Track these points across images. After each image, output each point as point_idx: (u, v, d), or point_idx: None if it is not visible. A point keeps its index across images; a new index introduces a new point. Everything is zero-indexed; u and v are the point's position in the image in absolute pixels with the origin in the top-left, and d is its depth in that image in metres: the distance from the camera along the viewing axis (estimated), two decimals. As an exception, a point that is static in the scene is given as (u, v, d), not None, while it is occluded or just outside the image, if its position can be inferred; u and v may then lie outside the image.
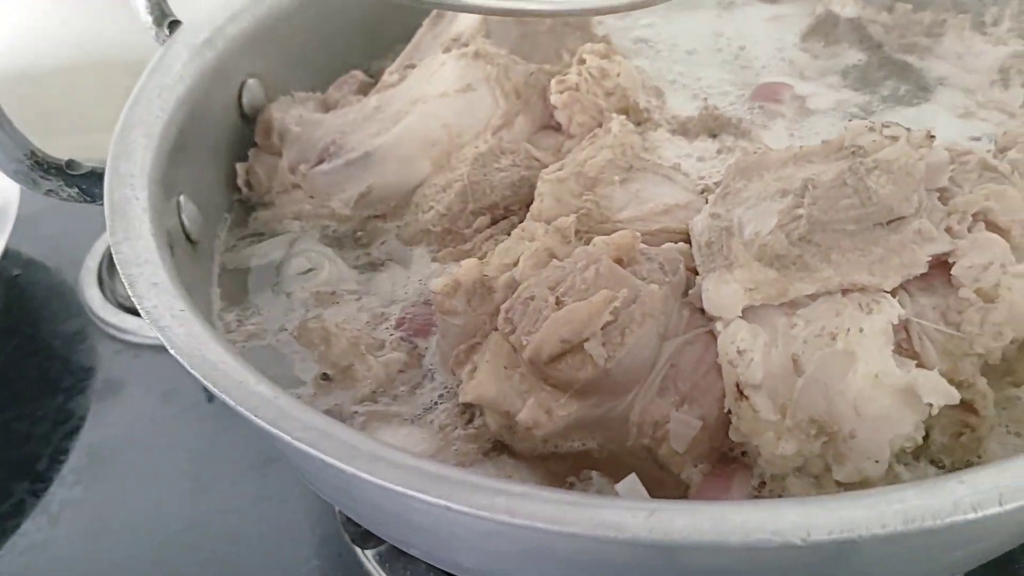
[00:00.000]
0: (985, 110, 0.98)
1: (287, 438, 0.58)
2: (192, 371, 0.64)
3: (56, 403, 1.09)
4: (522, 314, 0.68)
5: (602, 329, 0.64)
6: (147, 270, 0.73)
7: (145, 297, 0.70)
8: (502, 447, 0.72)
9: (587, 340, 0.64)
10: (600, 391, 0.66)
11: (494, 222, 0.90)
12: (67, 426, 1.07)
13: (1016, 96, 0.97)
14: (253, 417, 0.59)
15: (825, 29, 1.08)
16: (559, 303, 0.66)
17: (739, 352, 0.63)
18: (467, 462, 0.72)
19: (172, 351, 0.65)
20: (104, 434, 1.07)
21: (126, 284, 0.71)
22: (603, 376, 0.65)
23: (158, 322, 0.67)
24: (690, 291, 0.70)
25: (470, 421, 0.75)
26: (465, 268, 0.73)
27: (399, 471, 0.54)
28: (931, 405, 0.60)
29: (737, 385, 0.64)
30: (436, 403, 0.78)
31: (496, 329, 0.71)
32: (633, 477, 0.65)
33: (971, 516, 0.50)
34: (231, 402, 0.61)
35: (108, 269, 1.27)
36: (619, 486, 0.65)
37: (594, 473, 0.70)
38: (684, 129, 0.93)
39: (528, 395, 0.68)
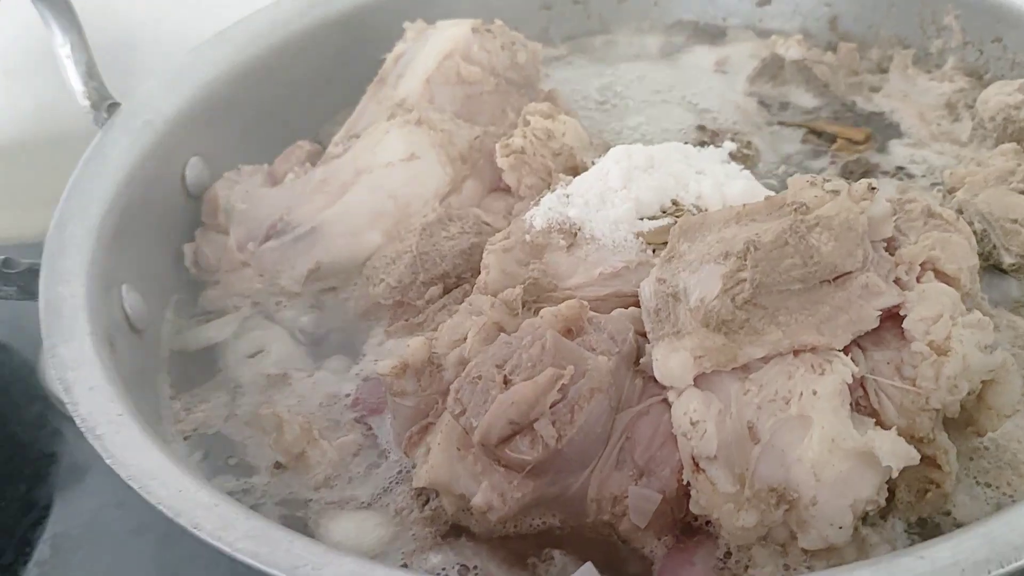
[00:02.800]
0: (938, 143, 0.99)
1: (228, 550, 0.56)
2: (129, 483, 0.62)
3: (19, 492, 1.06)
4: (471, 394, 0.67)
5: (551, 408, 0.63)
6: (83, 373, 0.72)
7: (81, 403, 0.69)
8: (460, 529, 0.71)
9: (536, 420, 0.63)
10: (554, 470, 0.65)
11: (446, 291, 0.90)
12: (31, 516, 1.04)
13: (964, 128, 0.98)
14: (192, 529, 0.58)
15: (772, 72, 1.08)
16: (507, 382, 0.65)
17: (692, 424, 0.62)
18: (425, 547, 0.70)
19: (108, 461, 0.64)
20: (69, 523, 1.03)
21: (61, 390, 0.70)
22: (555, 456, 0.64)
23: (93, 431, 0.66)
24: (641, 359, 0.69)
25: (427, 503, 0.73)
26: (413, 348, 0.72)
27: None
28: (891, 468, 0.59)
29: (693, 458, 0.63)
30: (392, 485, 0.76)
31: (447, 408, 0.70)
32: (589, 566, 0.63)
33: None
34: (169, 514, 0.59)
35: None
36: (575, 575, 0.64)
37: (556, 552, 0.68)
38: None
39: (482, 477, 0.67)
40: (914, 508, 0.65)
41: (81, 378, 0.71)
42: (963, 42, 1.05)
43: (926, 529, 0.67)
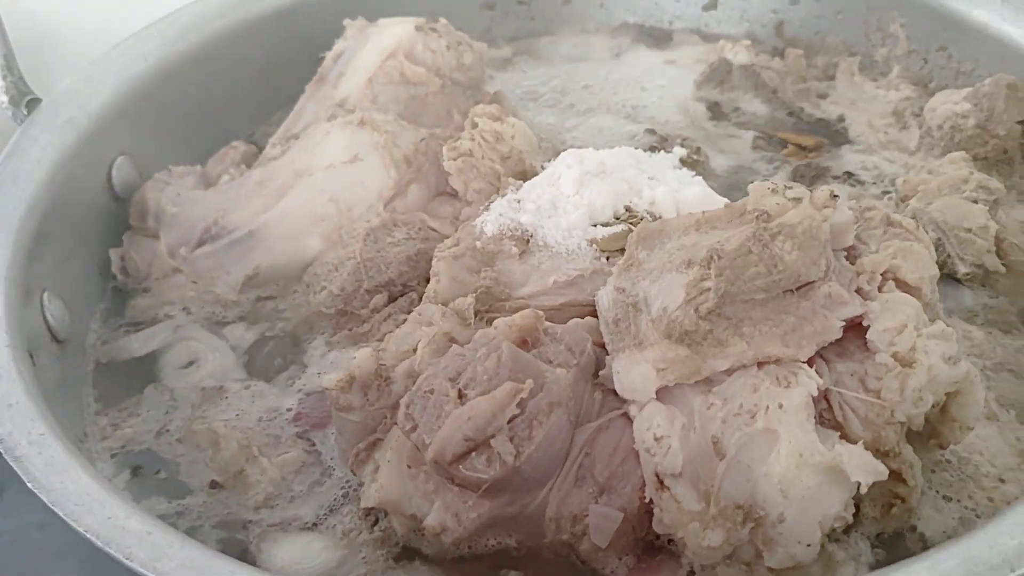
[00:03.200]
0: (887, 150, 0.99)
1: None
2: (53, 508, 0.57)
3: (-68, 515, 1.00)
4: (423, 409, 0.63)
5: (508, 423, 0.60)
6: (1, 388, 0.66)
7: None
8: (413, 551, 0.68)
9: (493, 436, 0.60)
10: (512, 489, 0.62)
11: (392, 300, 0.86)
12: (-56, 540, 0.97)
13: (913, 136, 0.98)
14: (125, 560, 0.54)
15: (720, 77, 1.07)
16: (461, 396, 0.62)
17: (656, 439, 0.60)
18: (377, 571, 0.67)
19: (30, 485, 0.59)
20: (-12, 544, 0.98)
21: None
22: (513, 473, 0.61)
23: (13, 452, 0.61)
24: (600, 372, 0.66)
25: (375, 523, 0.70)
26: (360, 360, 0.68)
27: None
28: (859, 483, 0.58)
29: (656, 474, 0.60)
30: (338, 504, 0.72)
31: (397, 424, 0.66)
32: None
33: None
34: (99, 543, 0.55)
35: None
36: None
37: (513, 574, 0.65)
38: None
39: (435, 496, 0.63)
40: (879, 523, 0.64)
41: (-1, 394, 0.66)
42: (908, 50, 1.05)
43: (891, 544, 0.65)
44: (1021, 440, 0.72)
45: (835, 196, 0.66)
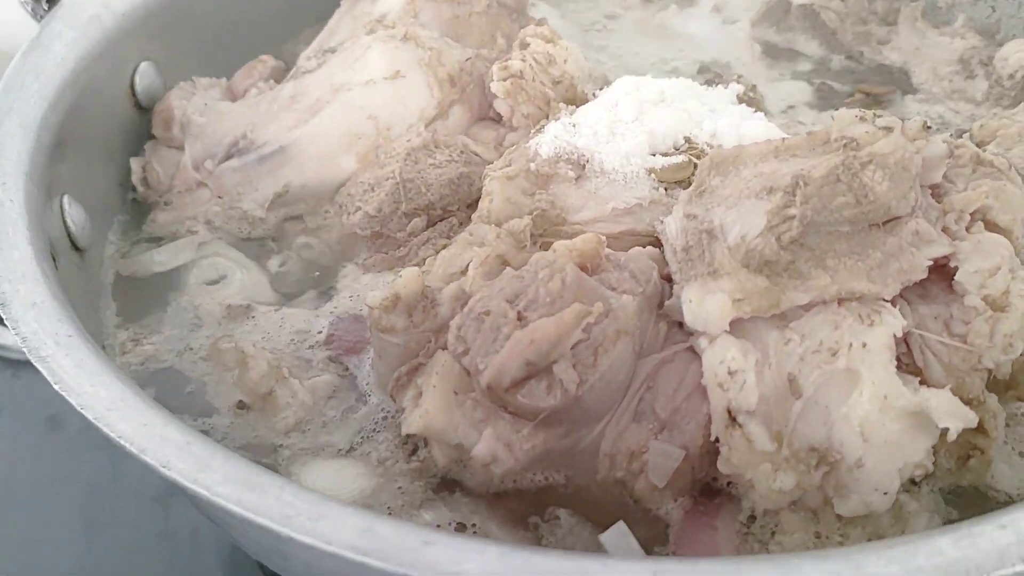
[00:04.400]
0: (952, 100, 0.94)
1: (206, 494, 0.48)
2: (83, 412, 0.53)
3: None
4: (476, 331, 0.59)
5: (572, 349, 0.56)
6: (24, 287, 0.62)
7: (22, 321, 0.59)
8: (453, 484, 0.64)
9: (555, 362, 0.56)
10: (569, 420, 0.58)
11: (431, 224, 0.82)
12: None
13: (979, 86, 0.93)
14: (162, 469, 0.49)
15: (777, 16, 1.02)
16: (521, 319, 0.57)
17: (730, 373, 0.56)
18: (415, 502, 0.63)
19: (57, 387, 0.55)
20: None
21: None
22: (574, 404, 0.57)
23: (38, 351, 0.57)
24: (666, 302, 0.62)
25: (413, 453, 0.66)
26: (405, 279, 0.64)
27: (350, 533, 0.45)
28: (947, 430, 0.54)
29: (728, 411, 0.56)
30: (374, 431, 0.68)
31: (443, 348, 0.62)
32: (621, 526, 0.57)
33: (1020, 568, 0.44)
34: (134, 451, 0.51)
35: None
36: (604, 537, 0.57)
37: (561, 512, 0.62)
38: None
39: (484, 425, 0.59)
40: (955, 475, 0.61)
41: (22, 292, 0.61)
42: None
43: (963, 498, 0.62)
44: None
45: (928, 127, 0.61)
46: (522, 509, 0.62)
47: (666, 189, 0.73)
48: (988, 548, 0.45)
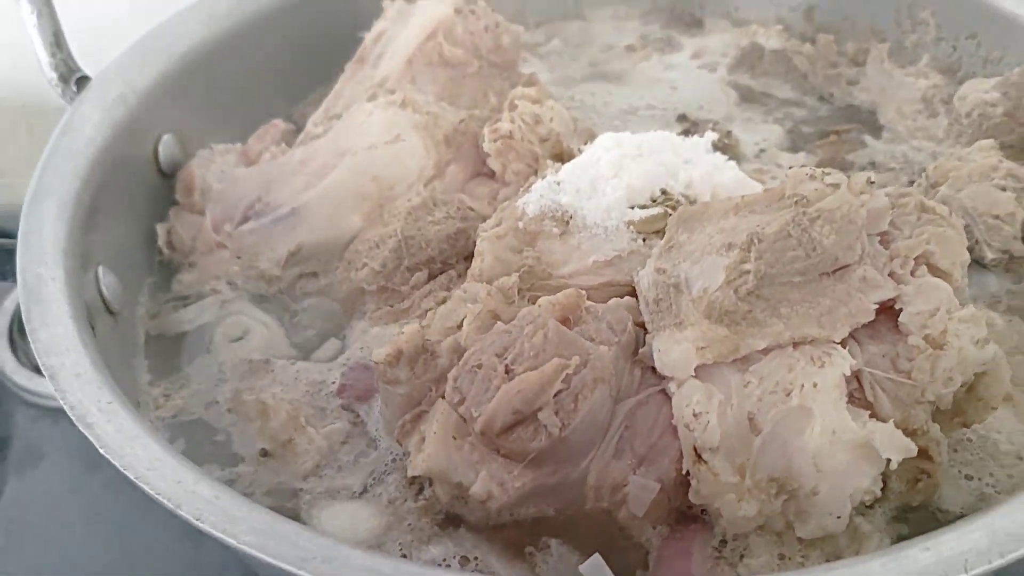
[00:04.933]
0: (915, 139, 1.01)
1: (234, 543, 0.55)
2: (125, 472, 0.61)
3: (-32, 479, 1.03)
4: (470, 383, 0.66)
5: (554, 397, 0.63)
6: (69, 359, 0.70)
7: (69, 391, 0.67)
8: (456, 519, 0.71)
9: (540, 409, 0.63)
10: (555, 459, 0.65)
11: (431, 277, 0.89)
12: (-20, 504, 1.01)
13: (941, 123, 1.00)
14: (195, 522, 0.57)
15: (751, 61, 1.09)
16: (509, 372, 0.65)
17: (695, 415, 0.63)
18: (423, 538, 0.70)
19: (102, 451, 0.62)
20: (23, 509, 1.00)
21: (47, 376, 0.68)
22: (558, 445, 0.64)
23: (84, 419, 0.64)
24: (640, 349, 0.69)
25: (420, 492, 0.73)
26: (407, 335, 0.71)
27: (356, 573, 0.52)
28: (889, 460, 0.60)
29: (695, 448, 0.63)
30: (384, 473, 0.75)
31: (443, 397, 0.69)
32: (597, 558, 0.64)
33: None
34: (170, 506, 0.58)
35: (20, 330, 1.21)
36: (583, 568, 0.64)
37: (553, 541, 0.68)
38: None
39: (480, 466, 0.66)
40: (905, 496, 0.67)
41: (67, 364, 0.69)
42: (938, 38, 1.06)
43: (914, 520, 0.68)
44: (1036, 419, 0.75)
45: (871, 182, 0.68)
46: (519, 539, 0.69)
47: (644, 239, 0.80)
48: (912, 568, 0.51)
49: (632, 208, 0.81)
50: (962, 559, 0.52)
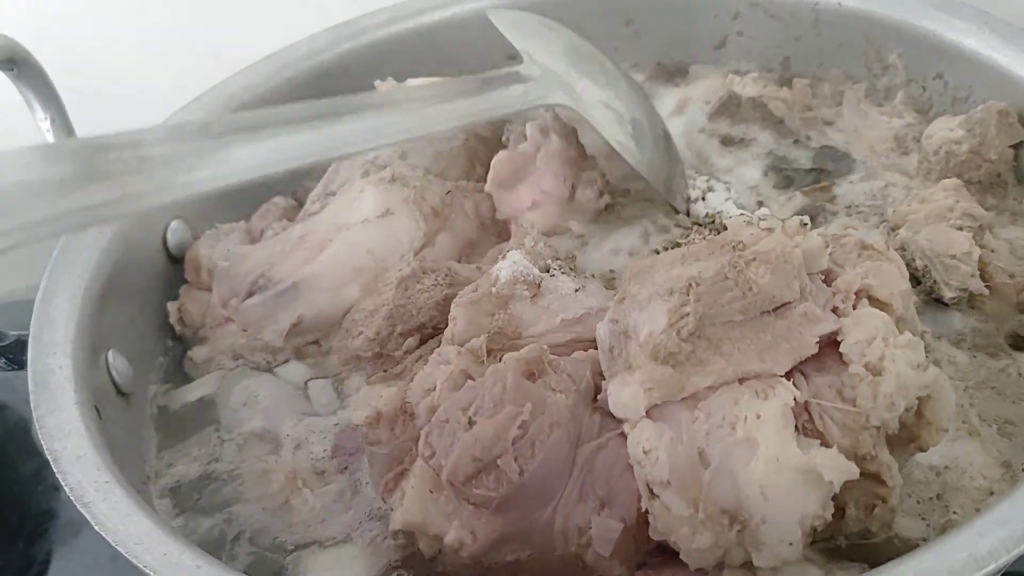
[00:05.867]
0: (889, 172, 1.06)
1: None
2: (117, 547, 0.70)
3: (17, 550, 1.13)
4: (439, 437, 0.73)
5: (512, 444, 0.70)
6: (71, 443, 0.79)
7: (69, 473, 0.76)
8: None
9: (499, 456, 0.70)
10: (519, 505, 0.71)
11: (423, 341, 0.96)
12: (31, 572, 1.10)
13: (913, 161, 1.05)
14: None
15: (730, 110, 1.15)
16: (471, 423, 0.71)
17: (644, 452, 0.68)
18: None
19: (96, 528, 0.72)
20: (68, 578, 1.10)
21: (51, 460, 0.77)
22: (520, 490, 0.70)
23: (82, 498, 0.74)
24: (599, 396, 0.75)
25: (405, 548, 0.80)
26: (385, 398, 0.78)
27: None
28: (832, 483, 0.65)
29: (647, 484, 0.69)
30: (369, 520, 0.83)
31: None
32: None
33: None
34: (154, 576, 0.66)
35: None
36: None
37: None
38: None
39: (453, 516, 0.73)
40: (864, 522, 0.71)
41: (69, 448, 0.78)
42: (907, 79, 1.12)
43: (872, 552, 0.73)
44: (1002, 452, 0.79)
45: (805, 224, 0.74)
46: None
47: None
48: None
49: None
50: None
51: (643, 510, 0.71)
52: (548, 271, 0.88)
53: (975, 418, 0.82)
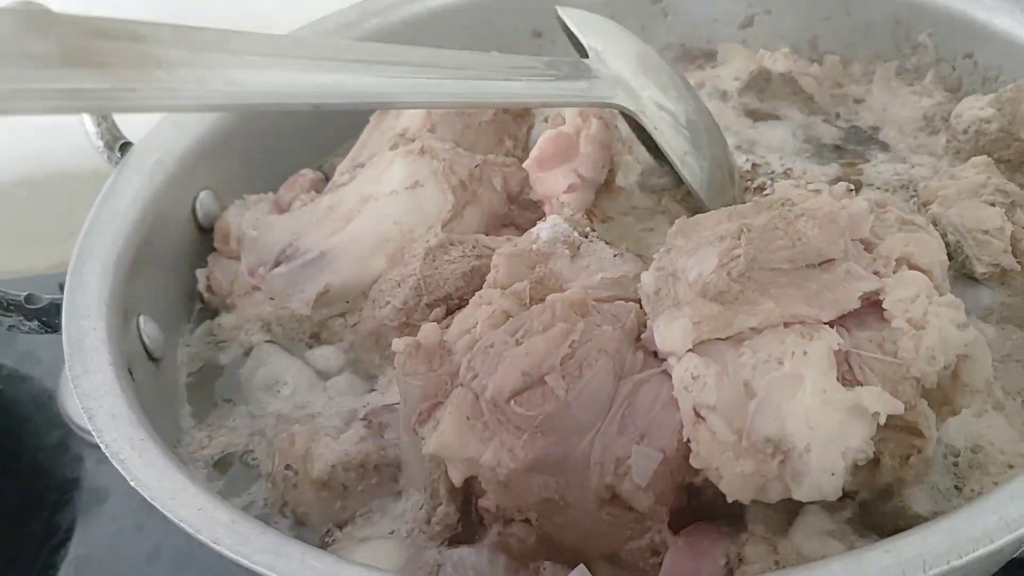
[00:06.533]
0: (917, 155, 1.09)
1: (247, 563, 0.66)
2: (152, 502, 0.72)
3: (42, 518, 1.15)
4: (483, 360, 0.75)
5: (560, 364, 0.72)
6: (106, 402, 0.81)
7: (104, 431, 0.78)
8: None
9: (547, 374, 0.72)
10: (561, 428, 0.73)
11: (449, 312, 0.97)
12: (54, 541, 1.13)
13: (941, 141, 1.08)
14: (213, 544, 0.68)
15: (759, 85, 1.19)
16: (519, 344, 0.74)
17: (693, 378, 0.71)
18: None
19: (132, 483, 0.74)
20: (91, 546, 1.13)
21: (87, 418, 0.79)
22: (564, 410, 0.72)
23: (117, 455, 0.76)
24: (642, 335, 0.78)
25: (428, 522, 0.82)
26: (425, 330, 0.80)
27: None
28: (877, 414, 0.68)
29: (694, 408, 0.71)
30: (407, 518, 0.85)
31: (457, 385, 0.77)
32: (582, 567, 0.72)
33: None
34: (191, 531, 0.69)
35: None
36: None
37: (547, 563, 0.77)
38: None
39: (491, 439, 0.74)
40: (898, 473, 0.73)
41: (104, 407, 0.80)
42: (937, 59, 1.16)
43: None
44: (1028, 423, 0.82)
45: (851, 189, 0.78)
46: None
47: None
48: (871, 570, 0.58)
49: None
50: (920, 560, 0.60)
51: (685, 440, 0.73)
52: (587, 237, 0.91)
53: (999, 391, 0.85)
